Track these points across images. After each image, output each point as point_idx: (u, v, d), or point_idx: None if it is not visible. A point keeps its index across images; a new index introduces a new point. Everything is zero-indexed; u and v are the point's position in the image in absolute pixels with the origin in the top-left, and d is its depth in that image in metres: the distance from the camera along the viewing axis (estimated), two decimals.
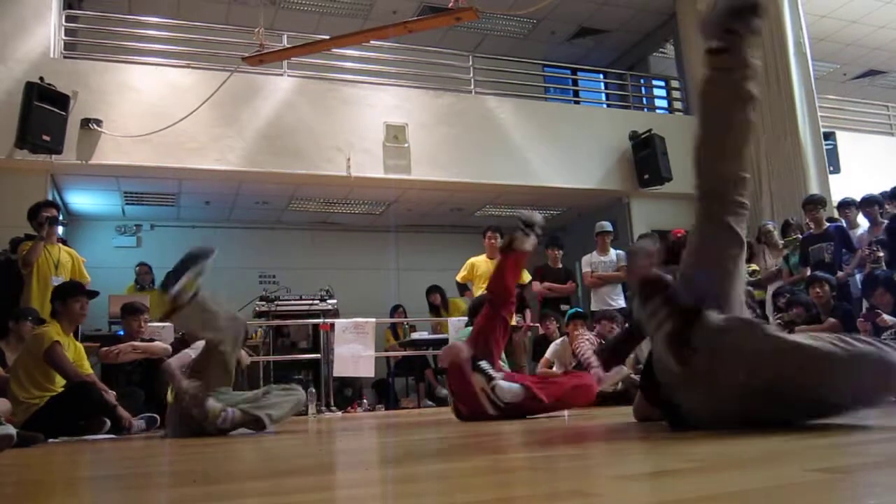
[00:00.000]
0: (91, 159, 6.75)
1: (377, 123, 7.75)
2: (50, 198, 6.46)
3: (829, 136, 8.76)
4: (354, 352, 6.68)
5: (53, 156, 6.53)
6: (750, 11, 1.86)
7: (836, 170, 8.76)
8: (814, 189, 7.45)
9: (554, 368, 6.25)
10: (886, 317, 5.35)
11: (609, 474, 1.18)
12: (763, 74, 8.35)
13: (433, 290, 8.37)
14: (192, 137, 7.02)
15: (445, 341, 7.32)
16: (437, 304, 8.31)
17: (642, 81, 10.82)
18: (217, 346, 3.41)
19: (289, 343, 7.86)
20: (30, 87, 6.25)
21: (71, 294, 4.42)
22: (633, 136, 8.68)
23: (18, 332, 4.68)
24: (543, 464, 1.42)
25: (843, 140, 9.30)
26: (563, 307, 6.80)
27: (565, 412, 3.58)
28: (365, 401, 7.61)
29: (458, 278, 7.28)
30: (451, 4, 5.12)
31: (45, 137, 6.26)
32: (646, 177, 8.51)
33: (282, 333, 7.83)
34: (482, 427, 2.99)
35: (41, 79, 6.39)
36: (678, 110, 9.97)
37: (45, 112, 6.27)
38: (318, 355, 7.02)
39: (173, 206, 8.67)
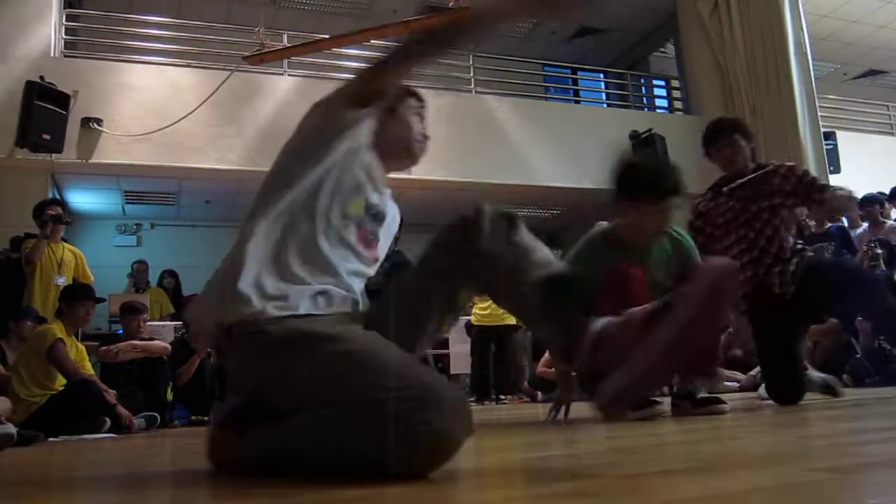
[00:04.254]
0: (91, 158, 6.75)
1: None
2: (50, 197, 6.46)
3: (829, 136, 8.76)
4: None
5: (54, 155, 6.53)
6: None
7: (837, 170, 8.77)
8: None
9: (554, 368, 6.25)
10: None
11: (609, 474, 1.18)
12: (763, 75, 8.36)
13: None
14: (193, 137, 7.02)
15: (446, 341, 7.33)
16: None
17: (642, 81, 10.82)
18: None
19: None
20: (30, 85, 6.25)
21: (78, 297, 4.44)
22: (634, 136, 8.68)
23: (19, 331, 4.68)
24: (543, 464, 1.42)
25: (844, 140, 9.30)
26: None
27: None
28: None
29: None
30: (451, 4, 5.12)
31: (46, 136, 6.26)
32: None
33: None
34: (481, 427, 2.99)
35: (41, 78, 6.39)
36: (678, 110, 9.97)
37: (45, 111, 6.27)
38: None
39: (173, 206, 8.67)
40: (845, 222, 6.46)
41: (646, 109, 10.39)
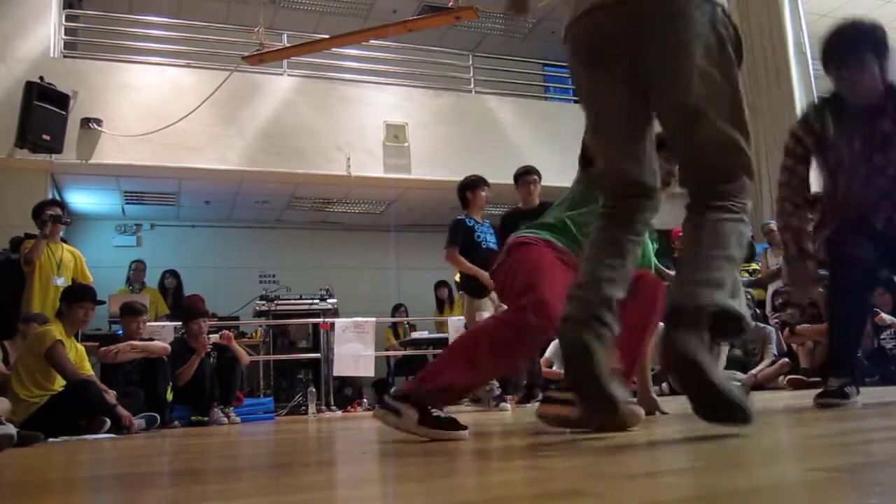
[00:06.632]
0: (91, 159, 6.75)
1: (377, 123, 7.74)
2: (50, 197, 6.46)
3: None
4: (354, 351, 6.68)
5: (53, 155, 6.53)
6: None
7: None
8: (813, 188, 7.45)
9: (554, 367, 6.25)
10: (885, 316, 5.37)
11: (609, 474, 1.18)
12: (763, 74, 8.35)
13: (442, 284, 8.42)
14: (192, 137, 7.02)
15: (446, 340, 7.33)
16: (444, 299, 8.36)
17: None
18: None
19: (289, 343, 7.86)
20: (30, 86, 6.25)
21: (78, 299, 4.43)
22: None
23: (26, 333, 4.66)
24: (543, 464, 1.42)
25: None
26: None
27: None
28: (365, 400, 7.61)
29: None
30: (450, 3, 5.12)
31: (45, 137, 6.26)
32: None
33: (282, 333, 7.83)
34: (481, 428, 2.99)
35: (41, 78, 6.38)
36: None
37: (45, 111, 6.27)
38: (318, 355, 7.02)
39: (173, 206, 8.67)
40: None
41: None
